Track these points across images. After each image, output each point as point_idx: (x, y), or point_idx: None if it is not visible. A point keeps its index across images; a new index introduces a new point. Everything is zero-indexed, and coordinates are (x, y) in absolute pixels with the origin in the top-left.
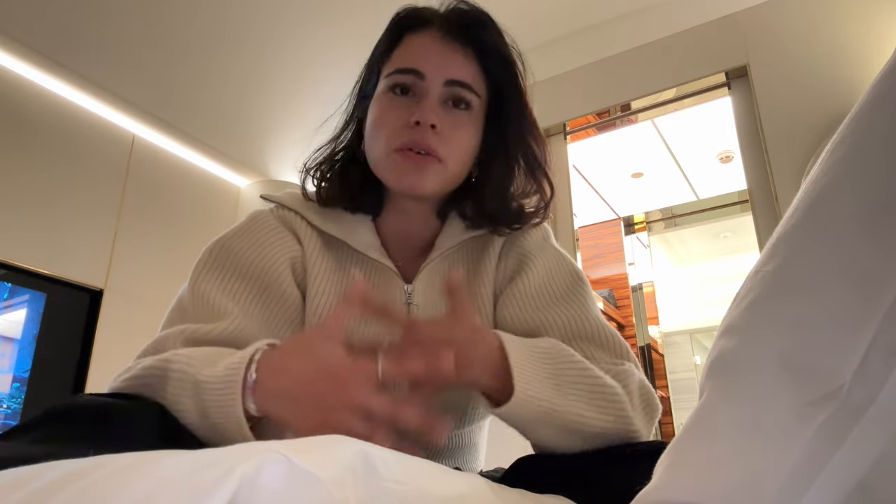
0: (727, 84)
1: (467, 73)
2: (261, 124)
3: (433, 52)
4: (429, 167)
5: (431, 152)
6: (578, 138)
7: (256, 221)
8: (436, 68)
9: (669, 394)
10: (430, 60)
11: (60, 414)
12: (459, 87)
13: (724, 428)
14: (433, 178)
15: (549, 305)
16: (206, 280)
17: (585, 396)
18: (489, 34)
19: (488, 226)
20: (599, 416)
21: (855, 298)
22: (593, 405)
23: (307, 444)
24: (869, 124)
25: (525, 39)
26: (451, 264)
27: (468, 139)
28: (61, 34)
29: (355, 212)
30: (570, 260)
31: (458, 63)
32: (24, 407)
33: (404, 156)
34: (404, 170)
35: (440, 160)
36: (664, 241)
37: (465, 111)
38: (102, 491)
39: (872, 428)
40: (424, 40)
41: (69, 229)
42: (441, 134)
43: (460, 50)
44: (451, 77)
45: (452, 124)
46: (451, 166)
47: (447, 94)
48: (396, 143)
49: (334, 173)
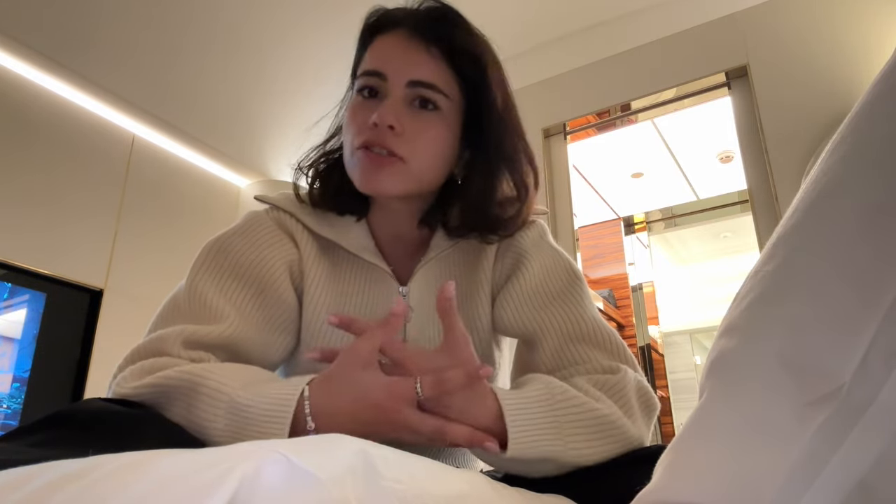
0: (727, 84)
1: (432, 73)
2: (261, 124)
3: (397, 52)
4: (388, 167)
5: (390, 152)
6: (578, 138)
7: (254, 223)
8: (398, 69)
9: (669, 394)
10: (392, 62)
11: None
12: (423, 87)
13: (723, 428)
14: (395, 179)
15: (546, 305)
16: (204, 280)
17: (585, 433)
18: (457, 32)
19: (471, 236)
20: (602, 447)
21: (855, 299)
22: (594, 439)
23: (307, 444)
24: (869, 124)
25: (525, 39)
26: (447, 265)
27: (436, 140)
28: (62, 34)
29: (343, 214)
30: (567, 257)
31: (422, 62)
32: (24, 407)
33: (365, 155)
34: (364, 169)
35: (402, 160)
36: (664, 241)
37: (434, 112)
38: (102, 490)
39: (872, 428)
40: (391, 41)
41: (69, 229)
42: (403, 135)
43: (425, 49)
44: (413, 77)
45: (417, 125)
46: (416, 166)
47: (412, 95)
48: (357, 143)
49: (321, 176)
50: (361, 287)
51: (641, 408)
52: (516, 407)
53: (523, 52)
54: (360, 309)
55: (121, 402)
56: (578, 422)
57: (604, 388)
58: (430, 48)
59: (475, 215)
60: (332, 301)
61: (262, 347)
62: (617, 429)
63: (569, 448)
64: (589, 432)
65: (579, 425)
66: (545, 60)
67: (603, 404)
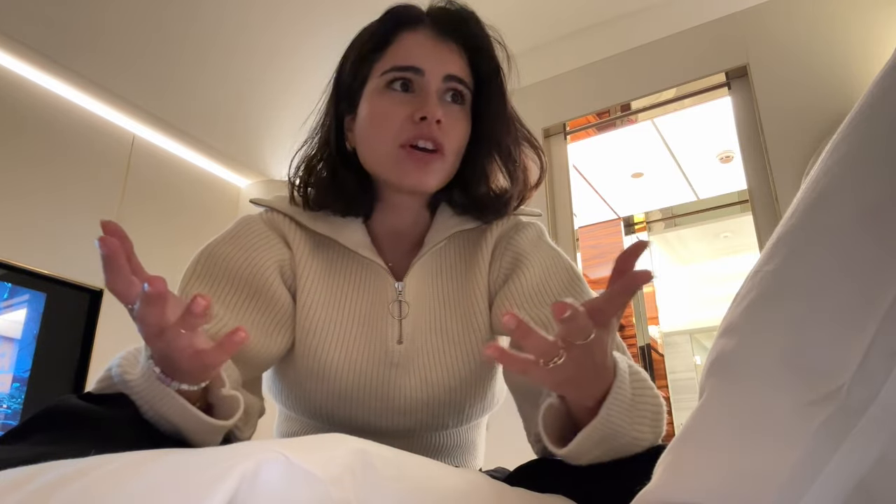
0: (727, 84)
1: (461, 68)
2: (261, 124)
3: (430, 48)
4: (434, 163)
5: (438, 147)
6: (578, 138)
7: (243, 227)
8: (434, 64)
9: (669, 394)
10: (428, 57)
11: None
12: (456, 81)
13: (724, 428)
14: (437, 174)
15: (547, 305)
16: (194, 287)
17: (649, 418)
18: (478, 32)
19: (475, 212)
20: (652, 435)
21: (855, 298)
22: (650, 424)
23: (307, 444)
24: (869, 124)
25: (525, 39)
26: (442, 260)
27: (464, 132)
28: (62, 34)
29: (346, 215)
30: (566, 257)
31: (454, 59)
32: (24, 407)
33: (409, 153)
34: (408, 168)
35: (443, 154)
36: (664, 241)
37: (460, 105)
38: (102, 490)
39: (872, 428)
40: (419, 38)
41: (69, 229)
42: (443, 128)
43: (454, 47)
44: (449, 72)
45: (451, 118)
46: (451, 159)
47: (444, 89)
48: (402, 139)
49: (325, 179)
50: (357, 283)
51: None
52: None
53: (523, 52)
54: (355, 304)
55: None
56: (647, 405)
57: None
58: (456, 45)
59: (481, 194)
60: (327, 297)
61: (257, 346)
62: (663, 416)
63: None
64: (650, 418)
65: (647, 409)
66: (545, 60)
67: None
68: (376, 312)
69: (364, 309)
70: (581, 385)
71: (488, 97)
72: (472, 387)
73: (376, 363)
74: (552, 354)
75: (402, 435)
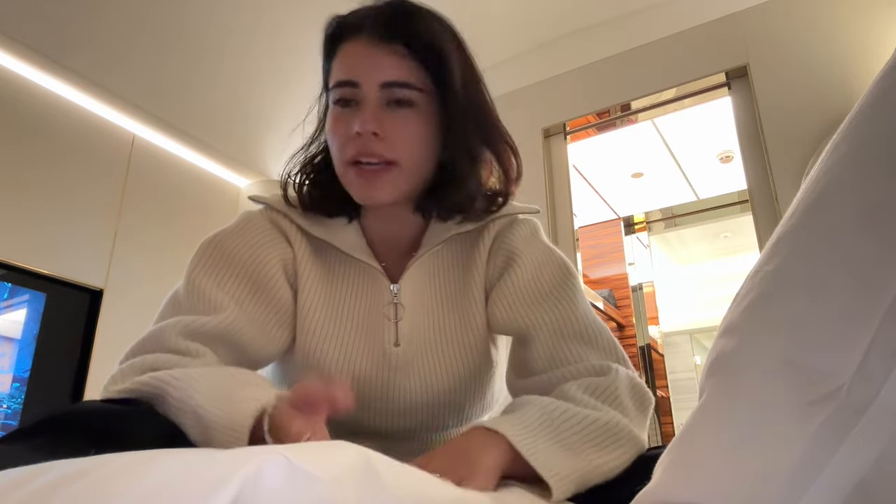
0: (727, 84)
1: (402, 71)
2: (261, 124)
3: (364, 57)
4: (381, 177)
5: (380, 159)
6: (578, 138)
7: (249, 222)
8: (368, 74)
9: (669, 394)
10: (361, 67)
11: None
12: (396, 87)
13: (724, 428)
14: (390, 186)
15: (538, 302)
16: (201, 275)
17: (594, 445)
18: (416, 26)
19: (457, 216)
20: (617, 454)
21: (855, 298)
22: (605, 447)
23: (309, 447)
24: (869, 124)
25: (525, 39)
26: (439, 262)
27: (418, 135)
28: (62, 34)
29: (334, 216)
30: (559, 254)
31: (391, 64)
32: (24, 407)
33: (356, 170)
34: (358, 184)
35: (392, 163)
36: (664, 241)
37: (411, 108)
38: (103, 491)
39: (872, 428)
40: (355, 48)
41: (69, 229)
42: (387, 138)
43: (390, 49)
44: (385, 80)
45: (398, 125)
46: (408, 165)
47: (386, 97)
48: (346, 157)
49: (311, 181)
50: (353, 286)
51: (636, 405)
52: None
53: (523, 52)
54: (353, 308)
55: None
56: (584, 434)
57: (595, 393)
58: (394, 47)
59: (459, 197)
60: (326, 301)
61: (260, 340)
62: (621, 430)
63: (592, 464)
64: (597, 442)
65: (586, 438)
66: (545, 60)
67: (600, 411)
68: (372, 315)
69: (361, 312)
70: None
71: (444, 96)
72: (471, 387)
73: (375, 366)
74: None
75: (402, 436)
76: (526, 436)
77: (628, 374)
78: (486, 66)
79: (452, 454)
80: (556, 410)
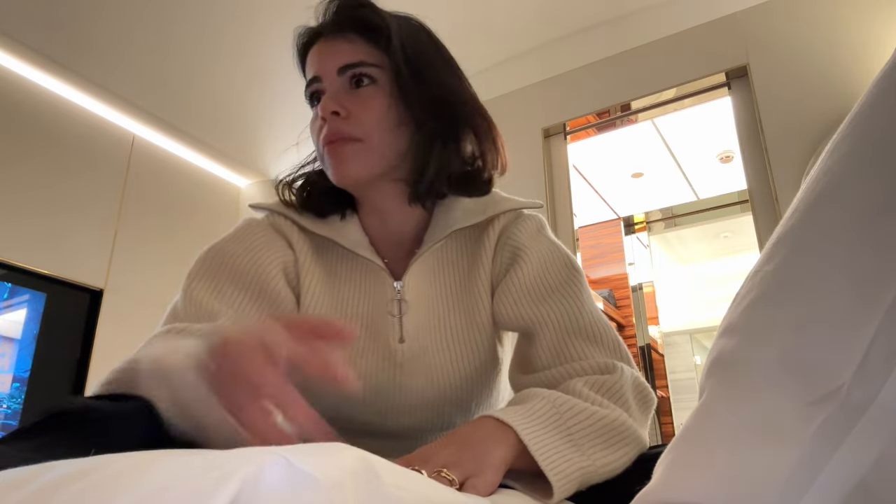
0: (727, 84)
1: (354, 53)
2: (261, 124)
3: (322, 53)
4: (348, 150)
5: (344, 136)
6: (578, 138)
7: (247, 228)
8: (326, 65)
9: (669, 394)
10: (320, 62)
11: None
12: (351, 67)
13: (724, 428)
14: (359, 161)
15: (544, 299)
16: (199, 286)
17: (601, 443)
18: (365, 12)
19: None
20: (621, 453)
21: (855, 298)
22: (611, 445)
23: (309, 449)
24: (869, 124)
25: (525, 39)
26: (444, 257)
27: (380, 109)
28: (62, 34)
29: (327, 216)
30: (565, 250)
31: (344, 49)
32: (24, 407)
33: (326, 150)
34: (330, 165)
35: (356, 139)
36: (664, 241)
37: (371, 85)
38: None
39: (872, 428)
40: (318, 49)
41: (69, 229)
42: (350, 116)
43: (344, 38)
44: (340, 64)
45: (359, 102)
46: (374, 141)
47: (345, 80)
48: (320, 145)
49: (304, 180)
50: (357, 284)
51: (639, 405)
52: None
53: (523, 52)
54: (357, 306)
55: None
56: (591, 431)
57: (602, 391)
58: (346, 35)
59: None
60: (329, 300)
61: None
62: (627, 430)
63: (596, 463)
64: (603, 440)
65: (593, 435)
66: (545, 60)
67: (607, 409)
68: (376, 313)
69: (365, 309)
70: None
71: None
72: (477, 384)
73: (381, 363)
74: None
75: (408, 435)
76: (535, 430)
77: (633, 373)
78: (486, 66)
79: (461, 446)
80: (565, 405)
